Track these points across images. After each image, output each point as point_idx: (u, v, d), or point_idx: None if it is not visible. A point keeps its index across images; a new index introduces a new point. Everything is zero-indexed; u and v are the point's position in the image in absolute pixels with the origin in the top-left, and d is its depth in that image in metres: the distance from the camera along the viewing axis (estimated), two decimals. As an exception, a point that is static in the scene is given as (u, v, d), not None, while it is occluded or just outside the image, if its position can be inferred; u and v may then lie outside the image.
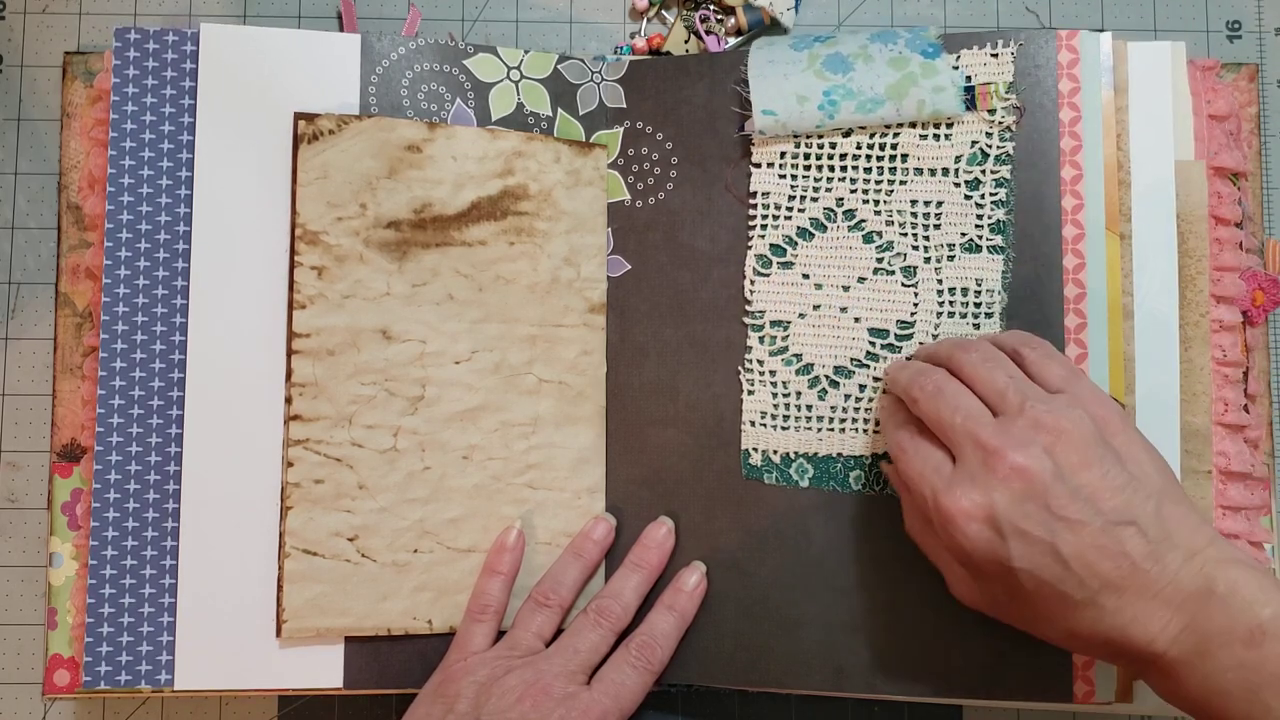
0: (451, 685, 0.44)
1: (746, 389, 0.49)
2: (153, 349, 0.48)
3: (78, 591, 0.48)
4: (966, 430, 0.40)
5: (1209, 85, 0.52)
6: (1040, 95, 0.50)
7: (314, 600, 0.47)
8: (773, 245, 0.50)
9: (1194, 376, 0.50)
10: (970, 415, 0.40)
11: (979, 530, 0.39)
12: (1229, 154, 0.51)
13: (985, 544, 0.39)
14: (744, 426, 0.49)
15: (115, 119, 0.48)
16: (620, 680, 0.44)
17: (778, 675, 0.48)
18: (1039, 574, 0.39)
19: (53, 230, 0.53)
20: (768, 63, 0.50)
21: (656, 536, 0.48)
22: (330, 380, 0.47)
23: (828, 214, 0.50)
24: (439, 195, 0.49)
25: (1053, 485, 0.38)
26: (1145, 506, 0.39)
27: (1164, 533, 0.38)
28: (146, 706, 0.51)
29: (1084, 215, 0.49)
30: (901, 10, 0.56)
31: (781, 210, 0.50)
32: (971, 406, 0.41)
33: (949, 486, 0.40)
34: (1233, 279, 0.50)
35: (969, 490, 0.39)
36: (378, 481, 0.48)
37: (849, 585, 0.48)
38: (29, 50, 0.54)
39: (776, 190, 0.50)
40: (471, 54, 0.51)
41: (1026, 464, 0.39)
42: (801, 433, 0.49)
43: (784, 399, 0.49)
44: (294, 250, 0.47)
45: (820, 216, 0.50)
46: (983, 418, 0.40)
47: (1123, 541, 0.38)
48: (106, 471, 0.47)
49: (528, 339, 0.50)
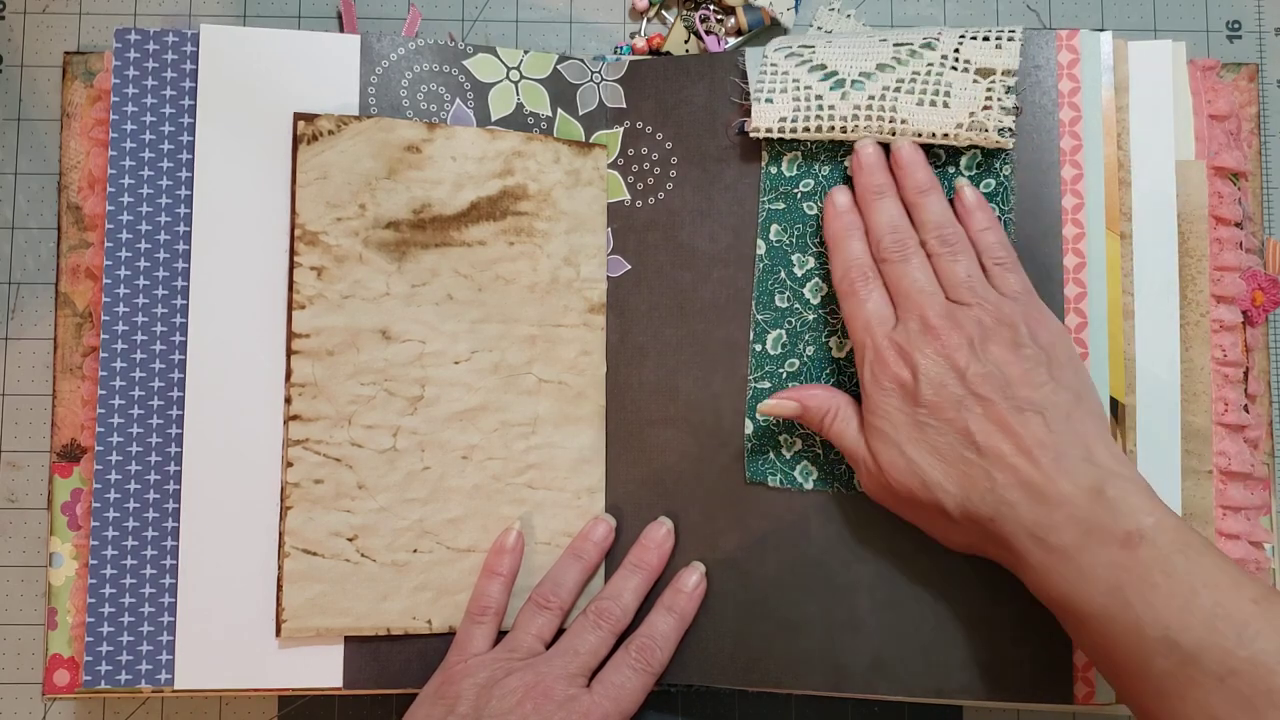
0: (452, 687, 0.44)
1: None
2: (153, 349, 0.48)
3: (78, 591, 0.48)
4: (917, 304, 0.44)
5: (1209, 85, 0.52)
6: (1040, 95, 0.50)
7: (314, 600, 0.47)
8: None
9: (1194, 376, 0.50)
10: (924, 291, 0.44)
11: (902, 379, 0.43)
12: (1229, 154, 0.51)
13: (901, 394, 0.43)
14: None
15: (115, 119, 0.48)
16: (620, 682, 0.44)
17: (778, 675, 0.48)
18: (941, 436, 0.42)
19: (53, 230, 0.53)
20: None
21: (656, 537, 0.48)
22: (330, 380, 0.47)
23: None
24: (438, 195, 0.49)
25: (973, 365, 0.42)
26: (1058, 404, 0.42)
27: (1069, 430, 0.41)
28: (146, 706, 0.51)
29: (1084, 215, 0.49)
30: (901, 10, 0.56)
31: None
32: (930, 284, 0.45)
33: (890, 344, 0.44)
34: (1233, 279, 0.50)
35: (903, 350, 0.43)
36: (377, 481, 0.48)
37: (849, 585, 0.48)
38: (29, 50, 0.54)
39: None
40: (471, 54, 0.51)
41: (957, 345, 0.43)
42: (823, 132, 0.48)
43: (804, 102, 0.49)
44: (293, 250, 0.47)
45: None
46: (935, 298, 0.44)
47: (1027, 424, 0.41)
48: (106, 471, 0.47)
49: (527, 339, 0.50)
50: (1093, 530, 0.39)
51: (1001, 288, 0.45)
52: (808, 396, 0.46)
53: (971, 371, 0.42)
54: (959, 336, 0.43)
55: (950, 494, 0.42)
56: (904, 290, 0.45)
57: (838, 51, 0.49)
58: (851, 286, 0.46)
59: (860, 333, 0.45)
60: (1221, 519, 0.49)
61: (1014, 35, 0.49)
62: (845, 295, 0.46)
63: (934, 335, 0.43)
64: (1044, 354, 0.43)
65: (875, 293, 0.45)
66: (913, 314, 0.44)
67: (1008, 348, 0.43)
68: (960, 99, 0.48)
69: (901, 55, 0.49)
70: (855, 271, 0.46)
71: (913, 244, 0.46)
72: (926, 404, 0.42)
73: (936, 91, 0.48)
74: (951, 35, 0.49)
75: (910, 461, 0.43)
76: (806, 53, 0.49)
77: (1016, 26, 0.49)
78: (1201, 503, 0.49)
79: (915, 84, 0.48)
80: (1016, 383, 0.42)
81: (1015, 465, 0.41)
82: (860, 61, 0.49)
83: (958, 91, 0.48)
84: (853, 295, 0.46)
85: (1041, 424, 0.41)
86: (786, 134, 0.49)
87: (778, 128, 0.48)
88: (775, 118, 0.48)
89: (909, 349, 0.43)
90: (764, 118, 0.49)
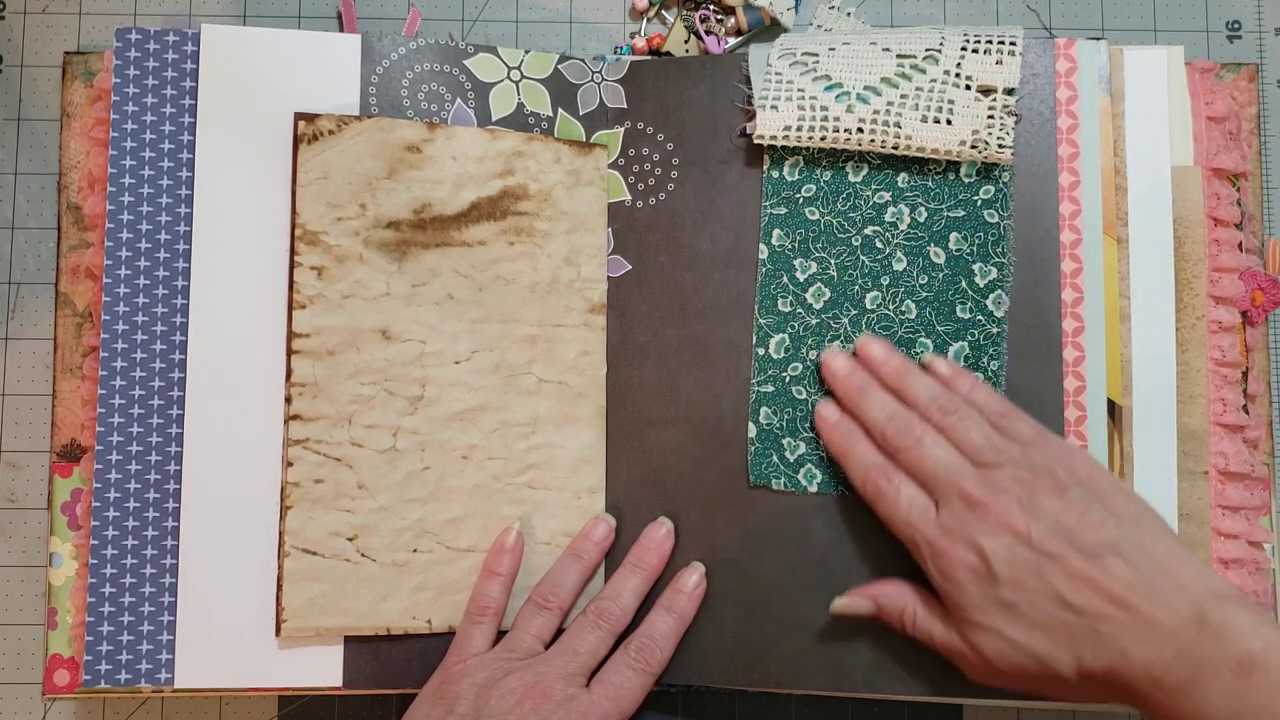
0: (451, 687, 0.44)
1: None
2: (153, 349, 0.48)
3: (78, 591, 0.48)
4: (951, 482, 0.43)
5: (1207, 87, 0.52)
6: (1038, 103, 0.50)
7: (314, 600, 0.47)
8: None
9: (1190, 379, 0.50)
10: (953, 468, 0.43)
11: (974, 567, 0.42)
12: (1227, 155, 0.51)
13: (979, 583, 0.42)
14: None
15: (115, 119, 0.48)
16: (619, 682, 0.45)
17: (778, 675, 0.48)
18: (1034, 608, 0.41)
19: (53, 230, 0.53)
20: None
21: (656, 537, 0.49)
22: (330, 380, 0.47)
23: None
24: (439, 195, 0.49)
25: (1034, 526, 0.41)
26: (1128, 538, 0.41)
27: (1150, 562, 0.40)
28: (146, 706, 0.51)
29: (1081, 220, 0.49)
30: (901, 10, 0.56)
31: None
32: (954, 459, 0.44)
33: (942, 533, 0.43)
34: (1231, 280, 0.50)
35: (960, 534, 0.42)
36: (377, 481, 0.48)
37: (849, 585, 0.48)
38: (29, 50, 0.54)
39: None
40: (472, 54, 0.51)
41: (1009, 510, 0.41)
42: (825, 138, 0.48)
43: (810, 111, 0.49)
44: (294, 250, 0.47)
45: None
46: (964, 469, 0.43)
47: (1109, 570, 0.40)
48: (106, 471, 0.47)
49: (528, 339, 0.50)
50: (1203, 662, 0.38)
51: (1017, 438, 0.44)
52: (880, 595, 0.46)
53: (1034, 533, 0.41)
54: (1006, 501, 0.42)
55: (1063, 661, 0.40)
56: (929, 472, 0.44)
57: (841, 62, 0.49)
58: (876, 488, 0.45)
59: (904, 530, 0.44)
60: (1220, 519, 0.49)
61: (1015, 47, 0.49)
62: (874, 500, 0.45)
63: (982, 510, 0.42)
64: (1089, 491, 0.42)
65: (903, 486, 0.44)
66: (951, 494, 0.43)
67: (1054, 496, 0.42)
68: (963, 116, 0.48)
69: (905, 69, 0.49)
70: (873, 472, 0.45)
71: (918, 424, 0.45)
72: (1006, 581, 0.41)
73: (940, 108, 0.48)
74: (953, 45, 0.49)
75: (1014, 644, 0.41)
76: (810, 61, 0.50)
77: (1017, 31, 0.49)
78: (1198, 503, 0.49)
79: (919, 99, 0.48)
80: (1078, 529, 0.41)
81: (1113, 615, 0.39)
82: (864, 74, 0.49)
83: (960, 109, 0.48)
84: (881, 497, 0.45)
85: (1121, 564, 0.40)
86: (791, 142, 0.49)
87: (782, 136, 0.49)
88: (780, 126, 0.49)
89: (965, 532, 0.42)
90: (769, 125, 0.49)
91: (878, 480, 0.45)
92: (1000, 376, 0.49)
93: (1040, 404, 0.48)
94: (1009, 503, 0.42)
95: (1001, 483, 0.42)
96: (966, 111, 0.48)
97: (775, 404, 0.49)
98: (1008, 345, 0.49)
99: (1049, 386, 0.49)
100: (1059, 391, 0.49)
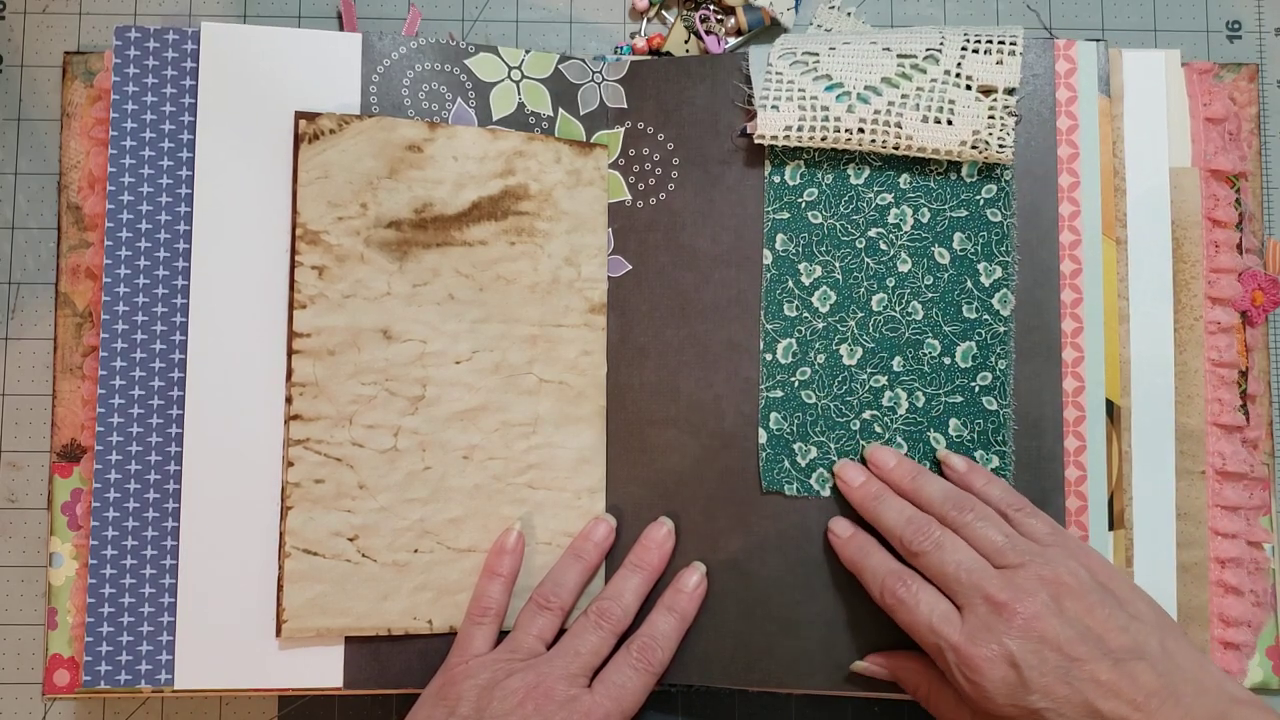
0: (453, 688, 0.44)
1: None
2: (153, 349, 0.48)
3: (78, 591, 0.48)
4: (974, 585, 0.42)
5: (1205, 88, 0.52)
6: (1038, 104, 0.50)
7: (314, 600, 0.47)
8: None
9: (1188, 379, 0.50)
10: (975, 570, 0.43)
11: (1005, 675, 0.41)
12: (1225, 156, 0.51)
13: (1009, 689, 0.41)
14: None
15: (115, 119, 0.48)
16: (621, 682, 0.45)
17: (778, 675, 0.48)
18: (1062, 716, 0.40)
19: (53, 230, 0.53)
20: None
21: (656, 537, 0.49)
22: (330, 380, 0.47)
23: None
24: (440, 195, 0.49)
25: (1062, 630, 0.41)
26: (1150, 643, 0.41)
27: (1173, 667, 0.40)
28: (146, 706, 0.51)
29: (1080, 221, 0.49)
30: (901, 10, 0.56)
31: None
32: (975, 562, 0.43)
33: (968, 638, 0.42)
34: (1229, 280, 0.50)
35: (988, 640, 0.41)
36: (378, 481, 0.48)
37: (849, 585, 0.48)
38: (29, 50, 0.54)
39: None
40: (472, 54, 0.51)
41: (1037, 614, 0.41)
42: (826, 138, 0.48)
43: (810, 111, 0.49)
44: (294, 250, 0.47)
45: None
46: (987, 572, 0.43)
47: (1135, 676, 0.40)
48: (106, 471, 0.47)
49: (528, 339, 0.50)
50: None
51: (1034, 536, 0.44)
52: (899, 672, 0.46)
53: (1064, 637, 0.40)
54: (1033, 604, 0.41)
55: None
56: (950, 575, 0.43)
57: (841, 62, 0.49)
58: (895, 597, 0.44)
59: (928, 636, 0.43)
60: (1217, 518, 0.50)
61: (1015, 47, 0.49)
62: (894, 609, 0.44)
63: (1009, 613, 0.41)
64: (1109, 593, 0.42)
65: (922, 592, 0.44)
66: (974, 597, 0.42)
67: (1078, 598, 0.41)
68: (963, 116, 0.48)
69: (905, 69, 0.49)
70: (890, 580, 0.44)
71: (936, 527, 0.44)
72: (1037, 689, 0.40)
73: (940, 108, 0.48)
74: (953, 45, 0.49)
75: None
76: (811, 60, 0.50)
77: (1017, 31, 0.49)
78: (1195, 503, 0.50)
79: (920, 99, 0.48)
80: (1103, 633, 0.41)
81: None
82: (865, 74, 0.49)
83: (961, 110, 0.48)
84: (901, 605, 0.44)
85: (1147, 669, 0.40)
86: (792, 142, 0.49)
87: (783, 135, 0.49)
88: (781, 126, 0.49)
89: (993, 637, 0.41)
90: (770, 125, 0.49)
91: (895, 588, 0.44)
92: (1008, 375, 0.49)
93: (1040, 404, 0.49)
94: (1035, 605, 0.41)
95: (1026, 585, 0.42)
96: (967, 111, 0.48)
97: (785, 409, 0.49)
98: (1008, 345, 0.49)
99: (1048, 386, 0.49)
100: (1058, 391, 0.49)
